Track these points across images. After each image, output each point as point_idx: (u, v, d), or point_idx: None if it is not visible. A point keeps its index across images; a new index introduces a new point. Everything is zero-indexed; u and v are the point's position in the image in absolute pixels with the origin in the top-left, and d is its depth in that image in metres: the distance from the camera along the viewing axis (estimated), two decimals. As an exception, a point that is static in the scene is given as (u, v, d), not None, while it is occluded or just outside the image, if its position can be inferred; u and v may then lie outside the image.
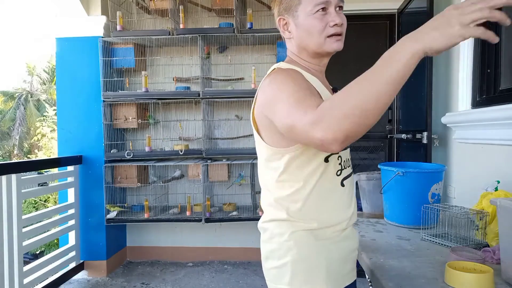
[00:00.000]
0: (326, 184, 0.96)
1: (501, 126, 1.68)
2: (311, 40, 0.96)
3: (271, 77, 0.90)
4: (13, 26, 76.32)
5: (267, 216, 1.02)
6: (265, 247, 1.03)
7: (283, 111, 0.80)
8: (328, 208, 0.97)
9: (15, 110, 19.73)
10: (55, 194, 10.27)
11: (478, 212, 1.33)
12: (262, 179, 1.04)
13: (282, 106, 0.81)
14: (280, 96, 0.83)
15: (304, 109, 0.76)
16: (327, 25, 0.94)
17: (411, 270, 1.11)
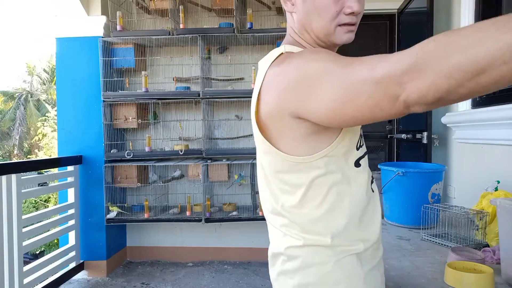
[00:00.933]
0: (362, 193, 0.78)
1: (501, 126, 1.68)
2: (318, 23, 0.75)
3: (284, 63, 0.69)
4: (13, 26, 76.30)
5: (294, 241, 0.77)
6: (293, 280, 0.77)
7: (333, 80, 0.61)
8: (368, 222, 0.78)
9: (15, 110, 19.73)
10: (56, 194, 10.27)
11: (478, 212, 1.33)
12: (271, 198, 0.80)
13: (328, 76, 0.61)
14: (316, 67, 0.63)
15: (366, 65, 0.58)
16: (342, 10, 0.74)
17: (411, 270, 1.11)
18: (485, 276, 0.96)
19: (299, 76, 0.65)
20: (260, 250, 3.31)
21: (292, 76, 0.66)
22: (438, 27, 2.47)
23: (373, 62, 0.58)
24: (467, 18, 2.08)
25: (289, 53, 0.73)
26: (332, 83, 0.61)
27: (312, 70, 0.64)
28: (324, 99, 0.62)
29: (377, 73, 0.56)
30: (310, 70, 0.64)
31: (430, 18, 2.38)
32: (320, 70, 0.63)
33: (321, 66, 0.63)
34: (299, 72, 0.65)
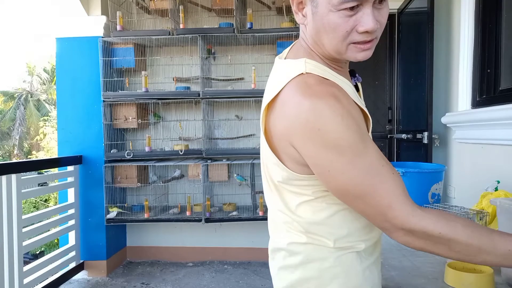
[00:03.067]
0: None
1: (501, 126, 1.68)
2: (329, 41, 0.71)
3: (320, 111, 0.65)
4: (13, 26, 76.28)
5: (297, 237, 0.78)
6: (294, 274, 0.78)
7: (366, 195, 0.67)
8: (372, 227, 0.80)
9: (15, 110, 19.74)
10: (56, 194, 10.28)
11: (478, 212, 1.33)
12: (276, 194, 0.80)
13: (360, 183, 0.66)
14: (345, 159, 0.66)
15: (404, 199, 0.66)
16: (355, 29, 0.68)
17: (411, 270, 1.11)
18: (485, 276, 0.96)
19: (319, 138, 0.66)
20: (260, 250, 3.31)
21: (309, 129, 0.66)
22: (438, 27, 2.48)
23: (395, 197, 0.67)
24: (467, 18, 2.08)
25: (310, 78, 0.70)
26: (352, 177, 0.67)
27: (335, 146, 0.66)
28: (335, 178, 0.69)
29: (392, 216, 0.67)
30: (333, 143, 0.66)
31: (430, 18, 2.38)
32: (347, 162, 0.67)
33: (353, 162, 0.67)
34: (320, 136, 0.66)
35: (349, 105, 0.68)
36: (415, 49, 2.75)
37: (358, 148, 0.66)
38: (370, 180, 0.66)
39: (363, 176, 0.66)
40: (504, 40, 1.84)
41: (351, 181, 0.67)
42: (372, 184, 0.66)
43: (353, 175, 0.67)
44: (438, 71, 2.51)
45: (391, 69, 3.45)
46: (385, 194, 0.66)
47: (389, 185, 0.67)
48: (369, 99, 3.52)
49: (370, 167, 0.67)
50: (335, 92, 0.68)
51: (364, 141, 0.68)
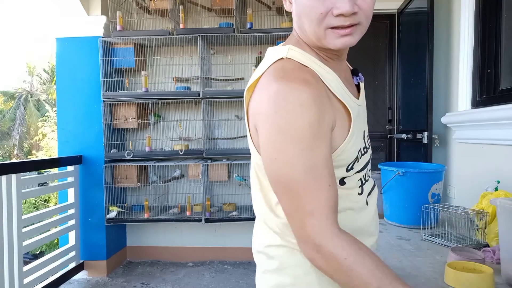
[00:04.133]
0: (346, 208, 0.76)
1: (501, 126, 1.68)
2: (308, 25, 0.69)
3: (285, 97, 0.64)
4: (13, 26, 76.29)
5: (273, 239, 0.77)
6: (271, 280, 0.77)
7: (291, 193, 0.65)
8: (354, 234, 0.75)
9: (15, 110, 19.74)
10: (56, 194, 10.28)
11: (478, 212, 1.33)
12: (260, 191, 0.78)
13: (293, 181, 0.64)
14: (293, 156, 0.63)
15: (328, 214, 0.64)
16: (330, 11, 0.65)
17: (411, 270, 1.11)
18: (485, 276, 0.96)
19: (271, 126, 0.65)
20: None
21: (267, 115, 0.65)
22: (438, 27, 2.47)
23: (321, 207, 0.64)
24: (467, 18, 2.09)
25: (288, 63, 0.69)
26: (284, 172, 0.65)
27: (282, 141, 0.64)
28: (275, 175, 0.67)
29: (309, 224, 0.64)
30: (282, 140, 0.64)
31: (430, 18, 2.38)
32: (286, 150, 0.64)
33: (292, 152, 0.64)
34: (273, 125, 0.64)
35: (319, 96, 0.65)
36: (415, 49, 2.75)
37: (307, 143, 0.63)
38: (305, 181, 0.63)
39: (301, 174, 0.63)
40: (504, 40, 1.85)
41: (288, 174, 0.64)
42: (305, 186, 0.63)
43: (292, 168, 0.63)
44: (438, 71, 2.51)
45: (391, 69, 3.45)
46: (313, 200, 0.63)
47: (321, 194, 0.63)
48: (369, 99, 3.52)
49: (312, 168, 0.63)
50: (307, 78, 0.66)
51: (317, 138, 0.63)
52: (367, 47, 3.50)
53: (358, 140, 0.74)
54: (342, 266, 0.63)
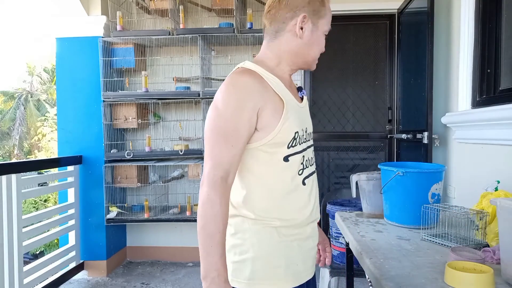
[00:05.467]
0: (287, 183, 0.99)
1: (501, 126, 1.68)
2: (313, 52, 1.04)
3: (226, 82, 0.95)
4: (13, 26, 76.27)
5: (231, 211, 1.01)
6: (228, 241, 1.01)
7: (207, 144, 0.94)
8: (290, 207, 1.00)
9: (15, 110, 19.74)
10: (55, 194, 10.28)
11: (478, 212, 1.33)
12: None
13: (210, 135, 0.94)
14: (214, 121, 0.94)
15: (212, 161, 0.92)
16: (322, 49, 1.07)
17: (411, 270, 1.11)
18: (485, 276, 0.96)
19: (213, 111, 0.95)
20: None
21: (216, 101, 0.95)
22: (438, 27, 2.47)
23: (205, 170, 0.93)
24: (467, 18, 2.08)
25: (242, 70, 0.98)
26: (209, 145, 0.94)
27: (215, 119, 0.94)
28: (205, 142, 0.96)
29: (208, 177, 0.92)
30: (215, 118, 0.95)
31: (430, 18, 2.38)
32: (213, 126, 0.94)
33: (216, 125, 0.94)
34: (214, 109, 0.95)
35: (253, 91, 0.94)
36: (415, 49, 2.75)
37: (228, 112, 0.92)
38: (217, 137, 0.92)
39: (215, 132, 0.93)
40: (504, 40, 1.84)
41: (207, 130, 0.94)
42: (217, 140, 0.92)
43: (211, 127, 0.94)
44: (438, 71, 2.51)
45: (391, 69, 3.45)
46: (216, 152, 0.92)
47: (224, 150, 0.91)
48: (369, 99, 3.52)
49: (224, 129, 0.92)
50: (244, 73, 0.96)
51: (237, 111, 0.92)
52: (367, 47, 3.50)
53: (295, 127, 0.98)
54: (202, 198, 0.90)
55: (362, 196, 1.81)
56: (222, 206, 0.90)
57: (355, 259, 1.54)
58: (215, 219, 0.88)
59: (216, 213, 0.89)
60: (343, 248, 2.00)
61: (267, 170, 0.98)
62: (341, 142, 3.56)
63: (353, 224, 1.64)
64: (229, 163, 0.92)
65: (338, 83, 3.53)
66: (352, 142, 3.56)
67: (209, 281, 0.87)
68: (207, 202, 0.89)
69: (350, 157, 3.56)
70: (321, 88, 3.54)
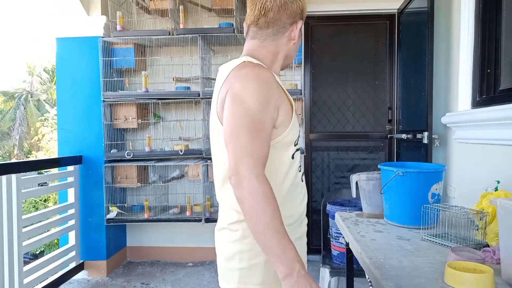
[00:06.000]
0: (293, 179, 1.01)
1: (501, 126, 1.68)
2: (294, 55, 1.12)
3: (250, 75, 0.92)
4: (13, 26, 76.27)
5: (236, 216, 0.98)
6: (234, 248, 0.99)
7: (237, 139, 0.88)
8: (297, 204, 1.02)
9: (15, 110, 19.74)
10: (55, 194, 10.27)
11: (478, 212, 1.33)
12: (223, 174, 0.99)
13: (241, 130, 0.88)
14: (243, 115, 0.88)
15: (252, 158, 0.86)
16: None
17: (411, 270, 1.11)
18: (485, 276, 0.96)
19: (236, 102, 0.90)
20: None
21: (236, 91, 0.91)
22: (438, 27, 2.47)
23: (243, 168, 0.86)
24: (467, 18, 2.08)
25: (250, 62, 0.98)
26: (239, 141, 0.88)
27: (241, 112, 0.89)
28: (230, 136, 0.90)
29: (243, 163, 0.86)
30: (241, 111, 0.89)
31: (430, 18, 2.38)
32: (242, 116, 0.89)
33: (246, 118, 0.89)
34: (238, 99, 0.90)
35: (272, 79, 0.94)
36: (415, 49, 2.75)
37: (258, 108, 0.89)
38: (252, 132, 0.87)
39: (249, 127, 0.87)
40: (504, 40, 1.84)
41: (239, 125, 0.88)
42: (251, 136, 0.87)
43: (244, 123, 0.88)
44: (438, 71, 2.51)
45: (391, 69, 3.45)
46: (254, 147, 0.87)
47: (261, 145, 0.88)
48: (369, 99, 3.52)
49: (257, 125, 0.88)
50: (264, 67, 0.97)
51: (265, 106, 0.90)
52: (367, 47, 3.50)
53: (297, 126, 1.02)
54: (256, 196, 0.83)
55: (362, 196, 1.81)
56: (276, 200, 0.85)
57: (355, 259, 1.54)
58: (276, 213, 0.83)
59: (275, 208, 0.84)
60: (343, 248, 2.00)
61: (278, 168, 0.97)
62: (341, 142, 3.56)
63: (353, 224, 1.64)
64: (265, 157, 0.89)
65: (338, 83, 3.53)
66: (352, 142, 3.56)
67: (296, 276, 0.80)
68: (265, 198, 0.82)
69: (350, 157, 3.56)
70: (321, 88, 3.54)
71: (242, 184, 0.84)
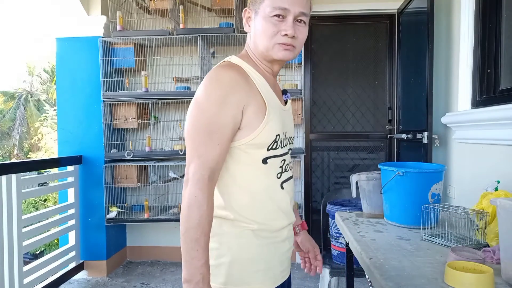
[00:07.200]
0: (266, 185, 0.98)
1: (501, 126, 1.68)
2: (261, 41, 0.98)
3: (210, 76, 0.92)
4: (13, 26, 76.26)
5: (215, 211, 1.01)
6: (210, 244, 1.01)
7: (191, 141, 0.90)
8: (267, 210, 0.99)
9: (15, 110, 19.74)
10: (55, 194, 10.28)
11: (478, 212, 1.33)
12: None
13: (194, 133, 0.90)
14: (197, 117, 0.91)
15: (199, 160, 0.88)
16: (279, 32, 0.95)
17: (411, 270, 1.11)
18: (485, 276, 0.96)
19: (195, 105, 0.92)
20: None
21: (198, 95, 0.92)
22: (438, 27, 2.47)
23: (190, 170, 0.90)
24: (467, 18, 2.08)
25: (225, 67, 0.95)
26: (191, 141, 0.91)
27: (197, 113, 0.91)
28: (186, 137, 0.93)
29: (192, 176, 0.89)
30: (197, 113, 0.91)
31: (430, 18, 2.38)
32: (196, 120, 0.91)
33: (199, 120, 0.90)
34: (196, 103, 0.92)
35: (234, 79, 0.91)
36: (415, 49, 2.75)
37: (211, 109, 0.89)
38: (203, 134, 0.89)
39: (200, 129, 0.89)
40: (504, 40, 1.84)
41: (192, 127, 0.90)
42: (202, 138, 0.89)
43: (195, 124, 0.90)
44: (438, 71, 2.51)
45: (391, 69, 3.45)
46: (202, 149, 0.88)
47: (209, 147, 0.89)
48: (369, 99, 3.52)
49: (209, 127, 0.89)
50: (229, 67, 0.94)
51: (220, 107, 0.89)
52: (367, 47, 3.50)
53: (276, 129, 0.97)
54: (189, 199, 0.87)
55: (362, 196, 1.81)
56: (208, 208, 0.87)
57: (355, 259, 1.54)
58: (201, 221, 0.85)
59: (202, 215, 0.86)
60: (343, 248, 2.00)
61: (245, 171, 0.96)
62: (341, 142, 3.56)
63: (353, 224, 1.64)
64: (216, 161, 0.89)
65: (338, 83, 3.53)
66: (352, 142, 3.56)
67: (193, 285, 0.85)
68: (194, 204, 0.86)
69: (350, 157, 3.56)
70: (321, 88, 3.54)
71: (185, 185, 0.89)
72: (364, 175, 1.77)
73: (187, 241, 0.86)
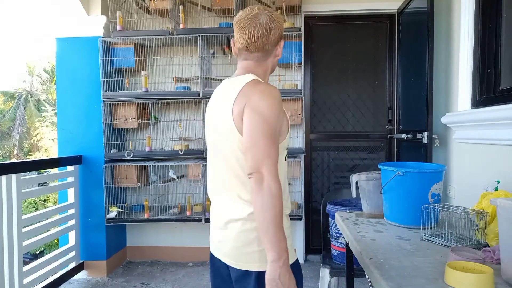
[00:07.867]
0: (286, 177, 1.24)
1: (501, 126, 1.68)
2: (270, 73, 1.29)
3: (269, 92, 1.11)
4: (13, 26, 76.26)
5: (252, 208, 1.12)
6: (252, 234, 1.14)
7: (261, 145, 1.06)
8: (285, 198, 1.19)
9: (15, 110, 19.73)
10: (54, 194, 10.27)
11: (478, 212, 1.33)
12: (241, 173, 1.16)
13: (262, 138, 1.06)
14: (264, 126, 1.07)
15: (270, 160, 1.06)
16: None
17: (411, 270, 1.11)
18: (485, 276, 0.96)
19: (257, 114, 1.08)
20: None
21: (256, 105, 1.09)
22: (438, 27, 2.48)
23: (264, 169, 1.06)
24: (467, 18, 2.08)
25: (257, 80, 1.16)
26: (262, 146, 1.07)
27: (261, 122, 1.07)
28: (252, 143, 1.08)
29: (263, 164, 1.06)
30: (261, 121, 1.07)
31: (430, 18, 2.38)
32: (262, 125, 1.07)
33: (266, 127, 1.07)
34: (259, 112, 1.08)
35: (281, 101, 1.14)
36: (415, 49, 2.75)
37: (274, 120, 1.08)
38: (269, 140, 1.06)
39: (267, 137, 1.06)
40: (504, 40, 1.85)
41: (259, 135, 1.06)
42: (268, 143, 1.06)
43: (263, 133, 1.06)
44: (438, 71, 2.51)
45: (391, 69, 3.45)
46: (272, 151, 1.06)
47: (275, 150, 1.08)
48: (369, 99, 3.52)
49: (272, 135, 1.08)
50: (276, 90, 1.15)
51: (278, 120, 1.10)
52: (367, 47, 3.50)
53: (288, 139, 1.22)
54: (271, 193, 1.03)
55: (362, 196, 1.81)
56: (282, 198, 1.06)
57: (355, 259, 1.54)
58: (281, 209, 1.04)
59: (281, 203, 1.05)
60: (343, 248, 2.00)
61: (280, 167, 1.13)
62: (341, 142, 3.56)
63: (353, 224, 1.64)
64: (278, 159, 1.09)
65: (338, 83, 3.53)
66: (352, 142, 3.56)
67: (282, 262, 1.01)
68: (277, 195, 1.03)
69: (350, 157, 3.56)
70: (321, 88, 3.54)
71: (262, 182, 1.04)
72: (364, 175, 1.77)
73: (275, 226, 1.02)
